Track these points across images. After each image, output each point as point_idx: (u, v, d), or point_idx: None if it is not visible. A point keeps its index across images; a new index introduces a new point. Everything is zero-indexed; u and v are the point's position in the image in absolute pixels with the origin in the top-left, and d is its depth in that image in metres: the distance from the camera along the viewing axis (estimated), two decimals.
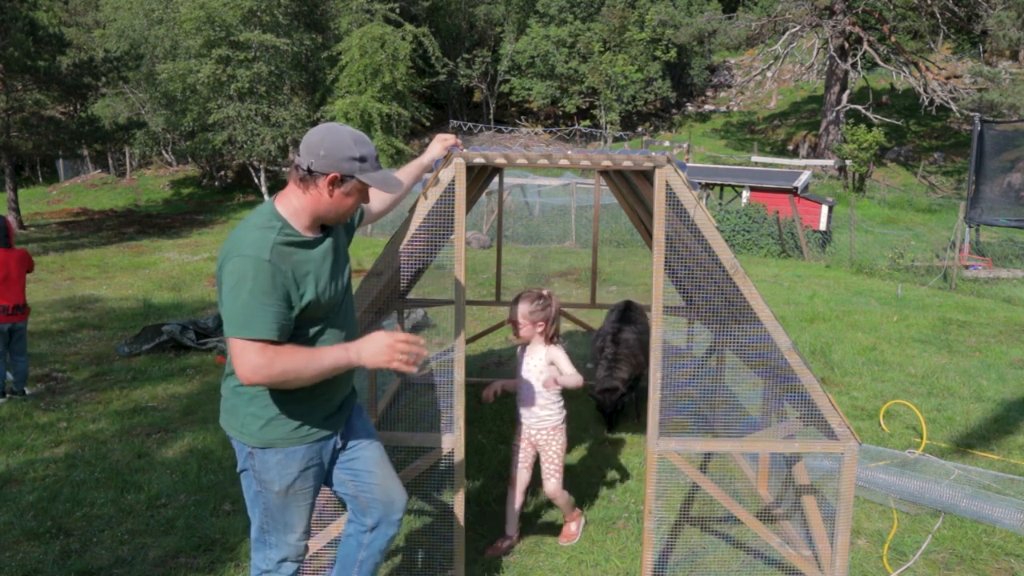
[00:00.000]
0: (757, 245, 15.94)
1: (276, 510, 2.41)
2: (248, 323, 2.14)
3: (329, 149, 2.24)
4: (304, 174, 2.26)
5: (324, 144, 2.24)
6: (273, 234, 2.20)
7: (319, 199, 2.28)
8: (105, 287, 11.45)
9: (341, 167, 2.25)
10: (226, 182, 29.79)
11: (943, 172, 26.80)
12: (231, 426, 2.41)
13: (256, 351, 2.14)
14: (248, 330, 2.14)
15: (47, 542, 3.76)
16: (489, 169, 4.84)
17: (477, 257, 14.04)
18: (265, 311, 2.15)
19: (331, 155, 2.24)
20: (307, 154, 2.25)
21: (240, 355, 2.15)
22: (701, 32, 29.37)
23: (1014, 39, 23.03)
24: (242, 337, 2.14)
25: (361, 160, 2.27)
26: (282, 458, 2.35)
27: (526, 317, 3.51)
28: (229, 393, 2.41)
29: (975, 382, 6.59)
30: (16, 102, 19.71)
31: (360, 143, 2.29)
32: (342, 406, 2.52)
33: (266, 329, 2.15)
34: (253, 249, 2.16)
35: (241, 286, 2.14)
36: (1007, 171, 14.88)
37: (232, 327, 2.15)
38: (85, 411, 5.77)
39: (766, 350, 3.19)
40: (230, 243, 2.22)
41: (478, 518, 3.99)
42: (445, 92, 33.97)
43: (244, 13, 24.18)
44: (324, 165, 2.24)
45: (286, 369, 2.16)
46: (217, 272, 2.23)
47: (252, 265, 2.14)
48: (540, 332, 3.54)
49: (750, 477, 4.29)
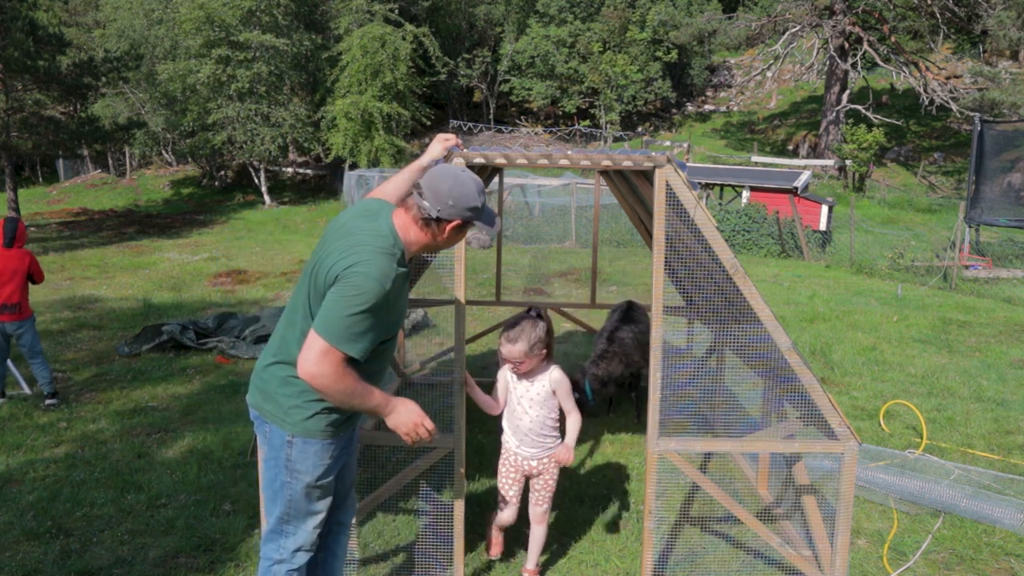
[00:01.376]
0: (757, 245, 15.94)
1: (301, 500, 2.47)
2: (347, 338, 2.24)
3: (457, 200, 2.39)
4: (430, 219, 2.39)
5: (453, 194, 2.38)
6: (395, 264, 2.32)
7: (435, 239, 2.44)
8: (105, 287, 11.45)
9: (464, 215, 2.42)
10: (226, 182, 29.79)
11: (943, 172, 26.79)
12: (271, 413, 2.46)
13: (336, 363, 2.25)
14: (344, 344, 2.25)
15: (47, 542, 3.76)
16: (489, 169, 4.84)
17: (477, 257, 14.04)
18: (366, 335, 2.28)
19: (459, 205, 2.39)
20: (435, 201, 2.38)
21: (321, 357, 2.24)
22: (701, 32, 29.36)
23: (1014, 39, 23.03)
24: (331, 343, 2.24)
25: (481, 209, 2.46)
26: (319, 449, 2.44)
27: (527, 355, 3.12)
28: (276, 382, 2.44)
29: (975, 382, 6.59)
30: (16, 102, 19.71)
31: (481, 192, 2.45)
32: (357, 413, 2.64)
33: (357, 350, 2.27)
34: (382, 275, 2.26)
35: (359, 303, 2.23)
36: (1007, 171, 14.88)
37: (330, 332, 2.24)
38: (85, 411, 5.77)
39: (766, 350, 3.19)
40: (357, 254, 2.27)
41: (478, 518, 3.99)
42: (445, 92, 33.95)
43: (243, 13, 24.18)
44: (451, 213, 2.40)
45: (345, 390, 2.29)
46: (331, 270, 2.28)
47: (376, 291, 2.24)
48: (541, 359, 3.19)
49: (750, 477, 4.29)
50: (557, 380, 3.20)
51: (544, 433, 3.26)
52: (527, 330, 3.08)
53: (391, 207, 2.46)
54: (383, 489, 3.37)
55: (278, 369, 2.44)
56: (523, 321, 3.12)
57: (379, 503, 3.44)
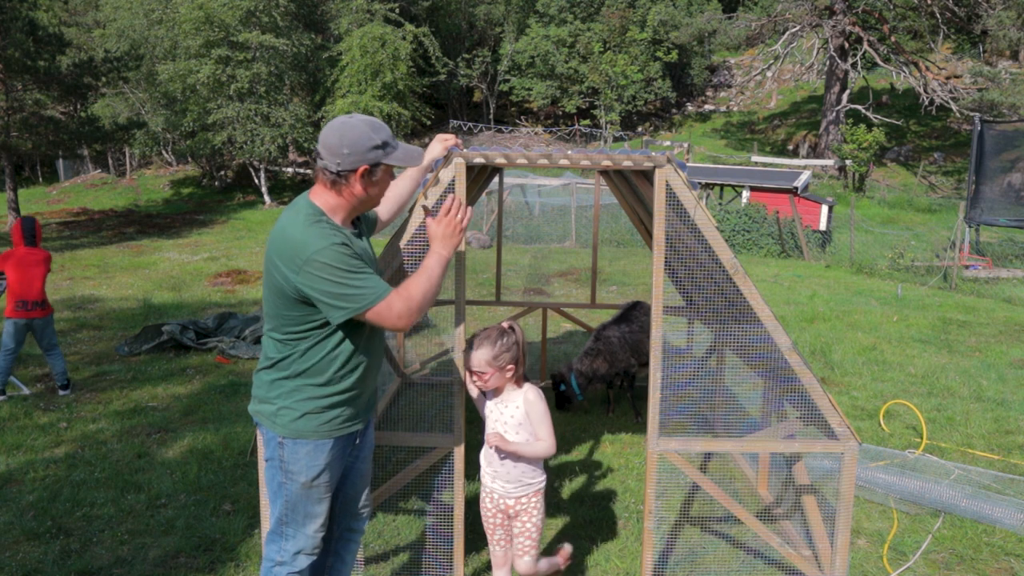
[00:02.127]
0: (757, 245, 15.94)
1: (299, 501, 2.45)
2: (369, 294, 2.25)
3: (351, 145, 2.28)
4: (333, 176, 2.30)
5: (345, 142, 2.28)
6: (328, 226, 2.29)
7: (353, 195, 2.35)
8: (105, 287, 11.45)
9: (366, 159, 2.30)
10: (226, 182, 29.79)
11: (943, 172, 26.80)
12: (263, 415, 2.46)
13: (390, 305, 2.28)
14: (374, 298, 2.26)
15: (47, 542, 3.76)
16: (489, 169, 4.84)
17: (477, 257, 14.04)
18: (369, 277, 2.28)
19: (355, 151, 2.29)
20: (330, 156, 2.29)
21: (385, 318, 2.29)
22: (701, 32, 29.38)
23: (1014, 39, 23.04)
24: (372, 305, 2.26)
25: (384, 146, 2.33)
26: (311, 450, 2.41)
27: (491, 364, 2.75)
28: (266, 386, 2.44)
29: (975, 382, 6.59)
30: (16, 102, 19.70)
31: (378, 129, 2.33)
32: (369, 403, 2.60)
33: (383, 286, 2.28)
34: (323, 240, 2.23)
35: (336, 274, 2.22)
36: (1007, 171, 14.88)
37: (358, 304, 2.25)
38: (85, 411, 5.77)
39: (766, 350, 3.19)
40: (290, 247, 2.26)
41: (478, 518, 3.99)
42: (445, 92, 33.96)
43: (243, 14, 24.19)
44: (351, 163, 2.29)
45: (422, 294, 2.34)
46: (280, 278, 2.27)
47: (332, 252, 2.22)
48: (511, 376, 2.79)
49: (750, 477, 4.29)
50: (531, 401, 2.79)
51: (521, 465, 2.84)
52: (494, 337, 2.76)
53: (307, 192, 2.43)
54: (383, 489, 3.37)
55: (265, 373, 2.45)
56: (493, 328, 2.82)
57: (379, 503, 3.43)
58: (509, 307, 6.88)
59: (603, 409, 5.82)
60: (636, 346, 5.60)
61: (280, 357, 2.38)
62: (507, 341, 2.75)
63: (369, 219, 2.70)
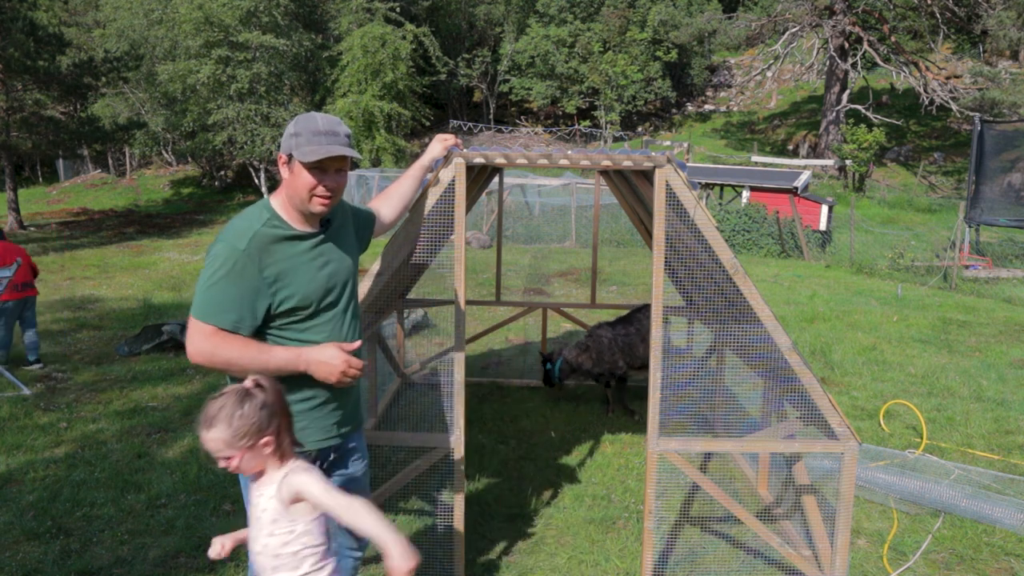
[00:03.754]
0: (757, 245, 15.94)
1: None
2: (207, 308, 2.17)
3: (287, 132, 2.27)
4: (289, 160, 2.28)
5: (297, 127, 2.26)
6: (258, 225, 2.23)
7: (285, 184, 2.30)
8: (105, 287, 11.45)
9: (286, 145, 2.26)
10: (226, 182, 29.79)
11: (943, 172, 26.79)
12: None
13: (205, 336, 2.17)
14: (204, 314, 2.17)
15: (47, 542, 3.76)
16: (489, 169, 4.84)
17: (477, 257, 14.03)
18: (226, 300, 2.17)
19: (285, 136, 2.28)
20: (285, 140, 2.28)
21: (191, 335, 2.19)
22: (701, 32, 29.38)
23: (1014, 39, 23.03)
24: (198, 319, 2.18)
25: (295, 135, 2.24)
26: None
27: (232, 446, 1.96)
28: None
29: (975, 382, 6.59)
30: (16, 102, 19.70)
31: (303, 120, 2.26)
32: (345, 416, 2.45)
33: (221, 318, 2.17)
34: (234, 238, 2.20)
35: (212, 271, 2.18)
36: (1007, 171, 14.87)
37: (194, 307, 2.20)
38: (85, 411, 5.77)
39: (766, 350, 3.19)
40: (221, 231, 2.27)
41: (478, 518, 3.99)
42: (445, 92, 33.96)
43: (243, 14, 24.19)
44: (282, 148, 2.28)
45: (230, 360, 2.18)
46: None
47: (227, 253, 2.18)
48: (270, 452, 2.01)
49: (750, 477, 4.29)
50: (299, 484, 1.99)
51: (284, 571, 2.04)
52: (230, 407, 1.96)
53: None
54: (383, 489, 3.37)
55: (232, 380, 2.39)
56: (229, 392, 2.00)
57: (379, 503, 3.43)
58: (509, 307, 6.88)
59: (603, 409, 5.83)
60: (628, 348, 5.64)
61: None
62: (248, 409, 1.96)
63: (364, 220, 2.64)
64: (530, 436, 5.26)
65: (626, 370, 5.67)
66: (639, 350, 5.59)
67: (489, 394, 6.14)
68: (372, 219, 2.71)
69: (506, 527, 3.93)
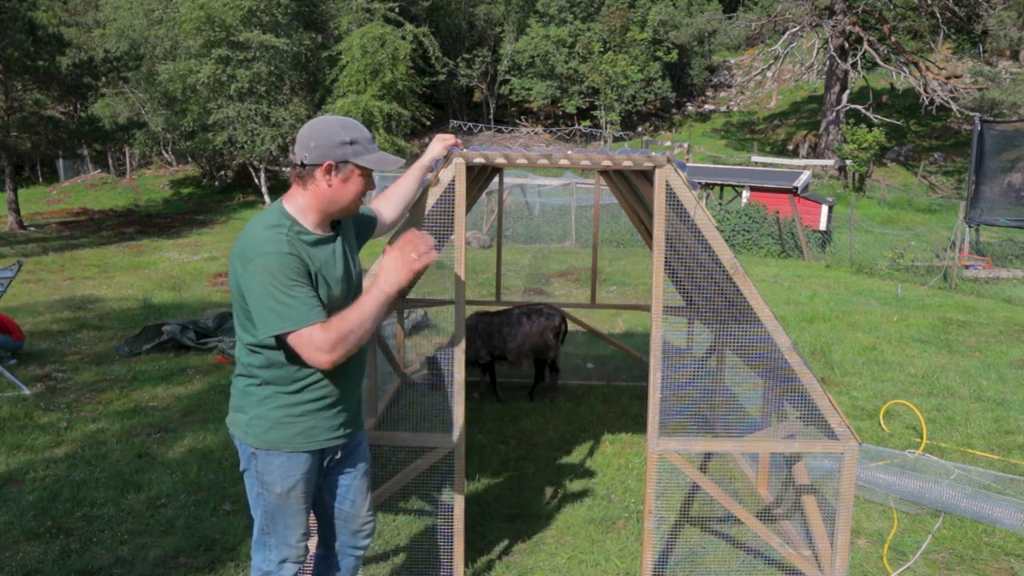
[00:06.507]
0: (757, 245, 15.94)
1: (276, 512, 2.41)
2: (296, 315, 2.16)
3: (319, 139, 2.25)
4: (300, 170, 2.28)
5: (313, 136, 2.26)
6: (284, 231, 2.22)
7: (319, 192, 2.29)
8: (105, 287, 11.45)
9: (333, 154, 2.25)
10: (226, 182, 29.78)
11: (943, 172, 26.80)
12: (236, 425, 2.41)
13: (318, 333, 2.16)
14: (299, 321, 2.16)
15: (47, 542, 3.76)
16: (489, 169, 4.84)
17: (477, 257, 14.04)
18: (304, 299, 2.17)
19: (321, 144, 2.25)
20: (300, 149, 2.27)
21: (306, 345, 2.17)
22: (701, 32, 29.38)
23: (1014, 39, 23.04)
24: (297, 329, 2.16)
25: (352, 143, 2.27)
26: (284, 461, 2.35)
27: None
28: (239, 393, 2.39)
29: (975, 382, 6.59)
30: (16, 102, 19.69)
31: (349, 128, 2.29)
32: (350, 417, 2.48)
33: (314, 314, 2.17)
34: (271, 246, 2.18)
35: (273, 283, 2.15)
36: (1007, 171, 14.88)
37: (284, 323, 2.16)
38: (85, 411, 5.76)
39: (766, 350, 3.19)
40: (243, 245, 2.22)
41: (478, 518, 3.99)
42: (445, 92, 33.96)
43: (244, 13, 24.18)
44: (317, 156, 2.25)
45: (351, 331, 2.19)
46: (235, 278, 2.23)
47: (275, 260, 2.16)
48: None
49: (750, 477, 4.29)
50: None
51: None
52: None
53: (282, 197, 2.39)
54: (383, 489, 3.37)
55: (239, 380, 2.39)
56: None
57: (379, 503, 3.43)
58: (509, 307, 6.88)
59: (603, 409, 5.83)
60: (487, 337, 5.88)
61: (249, 363, 2.32)
62: None
63: (365, 220, 2.65)
64: (530, 436, 5.26)
65: (490, 359, 5.91)
66: (496, 340, 5.85)
67: (489, 394, 6.15)
68: (373, 220, 2.72)
69: (506, 527, 3.93)
